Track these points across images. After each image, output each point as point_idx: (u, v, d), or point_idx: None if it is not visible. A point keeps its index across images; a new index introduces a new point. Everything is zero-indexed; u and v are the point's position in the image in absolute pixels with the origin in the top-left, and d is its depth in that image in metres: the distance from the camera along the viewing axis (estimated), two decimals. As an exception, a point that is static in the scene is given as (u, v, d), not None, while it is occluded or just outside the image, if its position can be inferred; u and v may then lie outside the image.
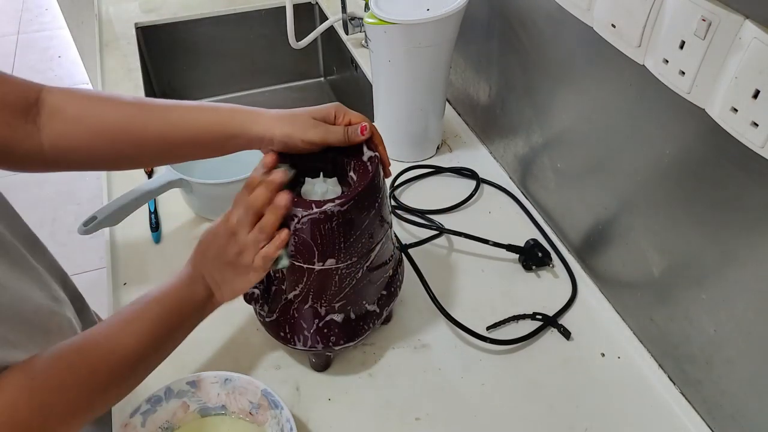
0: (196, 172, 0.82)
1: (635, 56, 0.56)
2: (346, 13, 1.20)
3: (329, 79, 1.52)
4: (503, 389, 0.64)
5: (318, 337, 0.61)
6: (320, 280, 0.58)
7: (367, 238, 0.57)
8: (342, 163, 0.60)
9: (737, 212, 0.50)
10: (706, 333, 0.57)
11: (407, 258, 0.74)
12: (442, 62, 0.84)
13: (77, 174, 2.26)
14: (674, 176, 0.57)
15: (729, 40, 0.45)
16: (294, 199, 0.54)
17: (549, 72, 0.74)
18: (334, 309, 0.60)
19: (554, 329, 0.69)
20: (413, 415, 0.62)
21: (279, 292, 0.61)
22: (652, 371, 0.65)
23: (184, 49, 1.38)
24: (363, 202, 0.55)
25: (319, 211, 0.53)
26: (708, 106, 0.49)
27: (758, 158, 0.46)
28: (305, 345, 0.61)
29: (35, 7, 3.47)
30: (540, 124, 0.79)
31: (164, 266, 0.77)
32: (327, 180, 0.59)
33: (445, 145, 0.97)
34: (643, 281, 0.65)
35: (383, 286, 0.64)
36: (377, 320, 0.64)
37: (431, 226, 0.79)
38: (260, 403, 0.58)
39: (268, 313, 0.62)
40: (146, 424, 0.57)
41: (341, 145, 0.58)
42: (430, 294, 0.70)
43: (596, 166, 0.69)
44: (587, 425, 0.61)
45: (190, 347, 0.67)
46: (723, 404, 0.57)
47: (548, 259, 0.76)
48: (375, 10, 0.78)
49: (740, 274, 0.52)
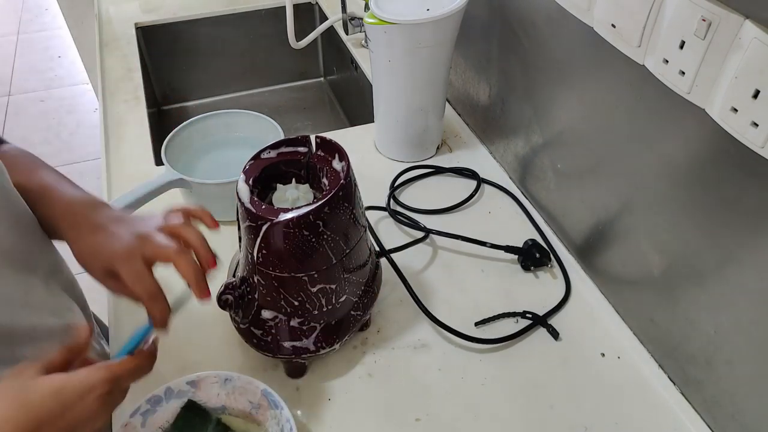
0: (196, 172, 0.82)
1: (635, 56, 0.56)
2: (346, 13, 1.20)
3: (329, 79, 1.52)
4: (503, 389, 0.64)
5: (289, 345, 0.60)
6: (291, 288, 0.57)
7: (340, 243, 0.56)
8: (315, 170, 0.60)
9: (737, 212, 0.50)
10: (706, 333, 0.57)
11: (389, 261, 0.74)
12: (442, 62, 0.84)
13: (78, 174, 2.26)
14: (674, 176, 0.57)
15: (729, 40, 0.45)
16: (263, 206, 0.54)
17: (549, 72, 0.74)
18: (307, 317, 0.59)
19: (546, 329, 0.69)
20: (413, 416, 0.62)
21: (252, 299, 0.59)
22: (652, 371, 0.65)
23: (184, 49, 1.38)
24: (333, 208, 0.54)
25: (288, 219, 0.52)
26: (708, 106, 0.49)
27: (758, 158, 0.46)
28: (277, 353, 0.60)
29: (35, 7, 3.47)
30: (540, 124, 0.79)
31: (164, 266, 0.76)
32: (299, 186, 0.59)
33: (445, 145, 0.97)
34: (644, 281, 0.65)
35: (360, 290, 0.63)
36: (354, 326, 0.63)
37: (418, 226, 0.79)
38: (260, 403, 0.58)
39: (242, 320, 0.61)
40: (146, 424, 0.57)
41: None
42: (413, 295, 0.70)
43: (596, 166, 0.69)
44: (587, 425, 0.61)
45: (190, 347, 0.67)
46: (723, 404, 0.57)
47: (547, 260, 0.76)
48: (375, 10, 0.78)
49: (740, 274, 0.52)
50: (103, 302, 0.73)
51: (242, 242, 0.58)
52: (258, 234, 0.54)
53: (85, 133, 2.54)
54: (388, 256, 0.74)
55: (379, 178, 0.90)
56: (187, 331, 0.69)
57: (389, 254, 0.74)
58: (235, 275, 0.62)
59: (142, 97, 1.09)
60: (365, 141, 0.98)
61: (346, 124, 1.42)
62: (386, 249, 0.75)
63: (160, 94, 1.42)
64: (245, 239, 0.57)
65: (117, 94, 1.10)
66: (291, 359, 0.61)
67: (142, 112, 1.05)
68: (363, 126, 1.02)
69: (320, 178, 0.60)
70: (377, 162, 0.95)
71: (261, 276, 0.57)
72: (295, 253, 0.54)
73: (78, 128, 2.57)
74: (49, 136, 2.52)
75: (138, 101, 1.08)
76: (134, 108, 1.06)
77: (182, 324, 0.70)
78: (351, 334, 0.63)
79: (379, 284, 0.66)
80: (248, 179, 0.57)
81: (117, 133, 1.00)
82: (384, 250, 0.75)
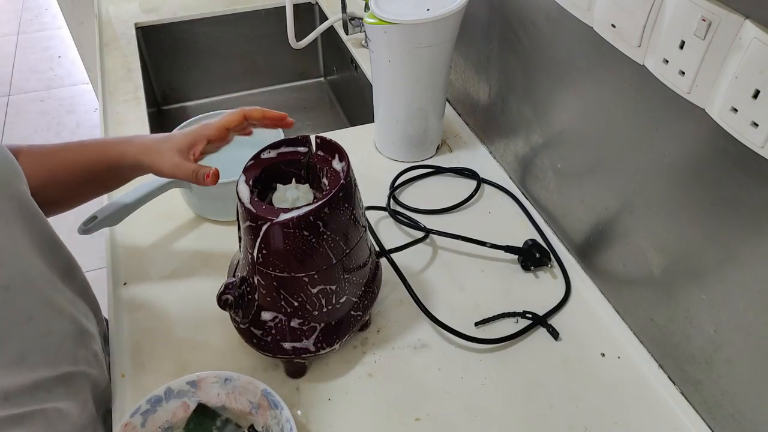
0: (196, 172, 0.82)
1: (635, 56, 0.56)
2: (346, 13, 1.20)
3: (329, 79, 1.52)
4: (503, 389, 0.64)
5: (290, 346, 0.60)
6: (291, 288, 0.57)
7: (340, 243, 0.56)
8: (315, 170, 0.60)
9: (737, 212, 0.50)
10: (706, 333, 0.57)
11: (389, 262, 0.74)
12: (442, 62, 0.84)
13: (77, 174, 2.26)
14: (674, 176, 0.57)
15: (729, 40, 0.45)
16: (263, 206, 0.54)
17: (549, 72, 0.74)
18: (307, 317, 0.59)
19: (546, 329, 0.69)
20: (413, 416, 0.62)
21: (252, 299, 0.60)
22: (652, 371, 0.65)
23: (184, 49, 1.38)
24: (333, 208, 0.54)
25: (288, 219, 0.52)
26: (708, 106, 0.49)
27: (758, 158, 0.46)
28: (277, 353, 0.60)
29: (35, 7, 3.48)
30: (540, 124, 0.79)
31: (164, 266, 0.77)
32: (299, 186, 0.59)
33: (445, 145, 0.97)
34: (643, 281, 0.65)
35: (360, 290, 0.63)
36: (354, 327, 0.63)
37: (418, 226, 0.79)
38: (260, 403, 0.58)
39: (242, 320, 0.61)
40: (146, 424, 0.57)
41: (191, 181, 0.61)
42: (413, 295, 0.70)
43: (596, 166, 0.69)
44: (587, 425, 0.61)
45: (190, 347, 0.68)
46: (723, 404, 0.57)
47: (547, 260, 0.76)
48: (375, 10, 0.78)
49: (740, 273, 0.52)
50: (104, 303, 0.73)
51: (242, 242, 0.59)
52: (258, 234, 0.54)
53: (85, 133, 2.54)
54: (388, 256, 0.74)
55: (379, 178, 0.90)
56: (187, 331, 0.69)
57: (389, 254, 0.74)
58: (235, 275, 0.62)
59: (142, 97, 1.09)
60: (365, 141, 0.98)
61: (346, 124, 1.42)
62: (386, 249, 0.75)
63: (160, 94, 1.42)
64: (245, 239, 0.57)
65: (117, 94, 1.10)
66: (291, 359, 0.61)
67: (142, 112, 1.05)
68: (363, 126, 1.02)
69: (320, 178, 0.60)
70: (377, 162, 0.95)
71: (261, 276, 0.57)
72: (295, 253, 0.54)
73: (78, 128, 2.57)
74: (49, 136, 2.52)
75: (138, 101, 1.08)
76: (134, 108, 1.06)
77: (182, 324, 0.70)
78: (351, 334, 0.63)
79: (379, 284, 0.66)
80: (248, 179, 0.57)
81: (117, 133, 1.00)
82: (384, 250, 0.75)
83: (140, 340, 0.68)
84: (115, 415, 0.62)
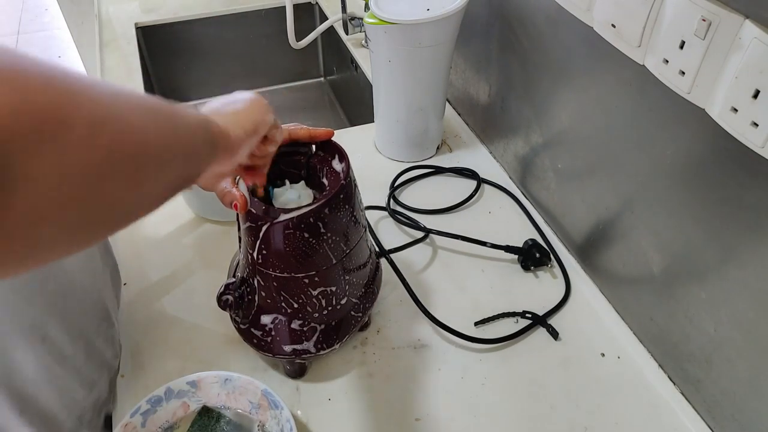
0: (196, 172, 0.82)
1: (635, 56, 0.56)
2: (346, 13, 1.20)
3: (329, 79, 1.52)
4: (503, 389, 0.64)
5: (290, 346, 0.60)
6: (291, 289, 0.57)
7: (340, 244, 0.56)
8: (315, 170, 0.60)
9: (737, 212, 0.50)
10: (706, 332, 0.57)
11: (389, 262, 0.74)
12: (442, 62, 0.84)
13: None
14: (675, 176, 0.57)
15: (729, 40, 0.45)
16: (263, 207, 0.54)
17: (549, 72, 0.74)
18: (307, 319, 0.59)
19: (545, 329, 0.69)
20: (413, 416, 0.62)
21: (252, 300, 0.59)
22: (652, 371, 0.65)
23: (184, 49, 1.38)
24: (333, 208, 0.54)
25: (288, 219, 0.52)
26: (708, 106, 0.49)
27: (758, 158, 0.46)
28: (277, 353, 0.60)
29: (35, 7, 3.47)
30: (540, 124, 0.79)
31: (164, 266, 0.77)
32: (299, 187, 0.59)
33: (445, 145, 0.97)
34: (644, 281, 0.65)
35: (360, 291, 0.63)
36: (354, 327, 0.63)
37: (418, 226, 0.79)
38: (260, 403, 0.58)
39: (242, 320, 0.61)
40: (146, 424, 0.57)
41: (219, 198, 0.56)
42: (412, 295, 0.70)
43: (596, 166, 0.69)
44: (587, 425, 0.61)
45: (190, 346, 0.67)
46: (723, 404, 0.57)
47: (547, 260, 0.76)
48: (375, 10, 0.78)
49: (740, 273, 0.52)
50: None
51: (242, 243, 0.58)
52: (258, 235, 0.54)
53: (85, 133, 2.53)
54: (388, 256, 0.74)
55: (379, 178, 0.90)
56: (187, 331, 0.69)
57: (389, 254, 0.74)
58: (235, 276, 0.62)
59: (142, 97, 1.09)
60: (365, 141, 0.98)
61: (346, 124, 1.42)
62: (386, 249, 0.75)
63: (159, 94, 1.41)
64: (245, 240, 0.57)
65: (117, 94, 1.10)
66: (291, 360, 0.61)
67: (142, 112, 1.05)
68: (363, 126, 1.02)
69: (320, 178, 0.60)
70: (377, 162, 0.95)
71: (261, 277, 0.57)
72: (295, 254, 0.54)
73: (78, 128, 2.56)
74: (49, 136, 2.51)
75: (138, 101, 1.08)
76: (134, 108, 1.06)
77: (182, 324, 0.70)
78: (351, 335, 0.63)
79: (379, 285, 0.66)
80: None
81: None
82: (384, 250, 0.75)
83: (140, 340, 0.68)
84: (115, 415, 0.62)
